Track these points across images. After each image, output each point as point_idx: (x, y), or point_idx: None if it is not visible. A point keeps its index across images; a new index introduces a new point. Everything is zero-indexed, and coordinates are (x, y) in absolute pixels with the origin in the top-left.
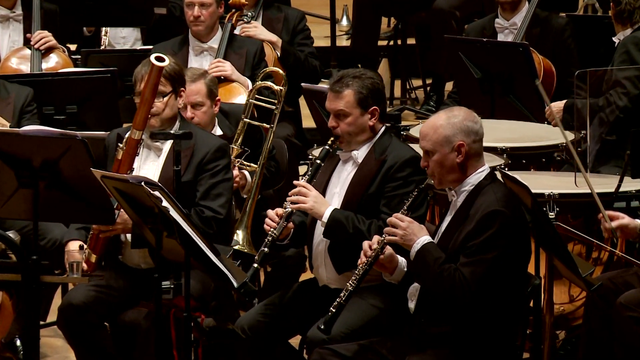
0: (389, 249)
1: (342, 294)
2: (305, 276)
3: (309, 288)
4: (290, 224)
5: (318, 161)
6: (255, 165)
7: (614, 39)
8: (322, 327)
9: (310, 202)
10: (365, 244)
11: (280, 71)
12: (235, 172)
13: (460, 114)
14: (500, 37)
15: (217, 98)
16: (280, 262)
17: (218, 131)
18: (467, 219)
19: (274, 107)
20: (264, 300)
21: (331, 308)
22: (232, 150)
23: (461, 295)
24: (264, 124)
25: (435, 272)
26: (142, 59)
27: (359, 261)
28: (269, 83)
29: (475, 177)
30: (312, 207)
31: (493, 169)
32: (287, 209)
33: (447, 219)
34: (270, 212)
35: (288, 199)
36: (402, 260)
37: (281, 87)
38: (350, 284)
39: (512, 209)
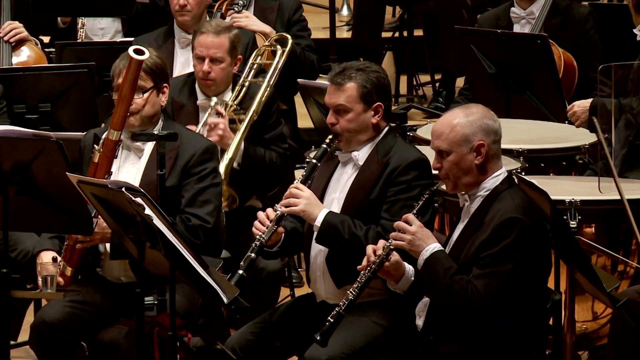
0: (395, 255)
1: (341, 303)
2: (302, 291)
3: (306, 304)
4: (281, 229)
5: (314, 161)
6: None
7: (635, 31)
8: (319, 338)
9: (302, 204)
10: (370, 248)
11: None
12: (223, 121)
13: (479, 111)
14: (516, 28)
15: (239, 56)
16: (256, 275)
17: (228, 95)
18: (482, 227)
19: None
20: (257, 318)
21: (329, 318)
22: (228, 107)
23: (473, 310)
24: (259, 79)
25: (445, 284)
26: (122, 52)
27: (362, 265)
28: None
29: (492, 181)
30: (304, 209)
31: (509, 173)
32: (277, 212)
33: (460, 226)
34: (260, 215)
35: (281, 202)
36: (409, 268)
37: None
38: (351, 292)
39: (532, 216)
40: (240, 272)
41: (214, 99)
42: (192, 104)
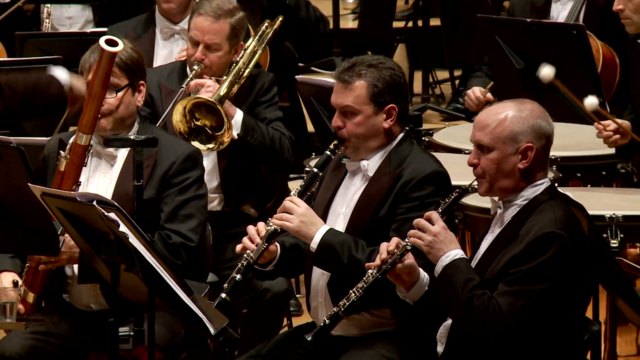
0: (410, 258)
1: (341, 303)
2: (301, 320)
3: (305, 334)
4: (274, 246)
5: (315, 170)
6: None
7: None
8: (310, 339)
9: (295, 222)
10: (383, 245)
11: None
12: (210, 82)
13: (534, 109)
14: (555, 9)
15: (240, 43)
16: (258, 299)
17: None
18: (515, 240)
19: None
20: (251, 351)
21: (325, 318)
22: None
23: (492, 331)
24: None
25: (463, 297)
26: (92, 44)
27: (371, 263)
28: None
29: (532, 190)
30: (298, 227)
31: (552, 182)
32: (269, 228)
33: (488, 237)
34: (250, 230)
35: (274, 216)
36: (424, 275)
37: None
38: (354, 292)
39: (574, 234)
40: (223, 295)
41: (196, 68)
42: None
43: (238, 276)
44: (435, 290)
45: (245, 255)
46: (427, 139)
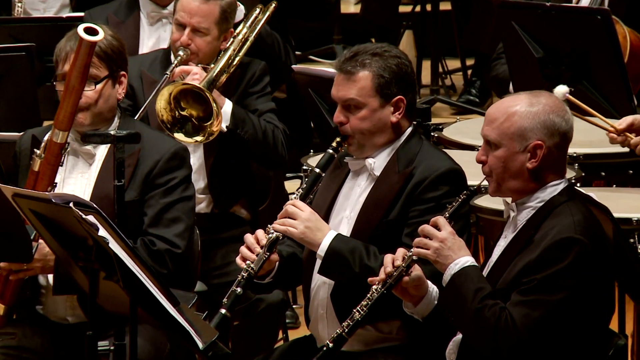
0: (417, 270)
1: (345, 324)
2: (298, 333)
3: (303, 350)
4: (275, 256)
5: (317, 170)
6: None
7: None
8: None
9: (300, 227)
10: (388, 257)
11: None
12: (197, 68)
13: (547, 103)
14: None
15: (230, 30)
16: (251, 310)
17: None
18: (529, 246)
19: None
20: None
21: (328, 342)
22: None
23: (503, 345)
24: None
25: (473, 308)
26: (69, 31)
27: (375, 278)
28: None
29: (549, 191)
30: (303, 233)
31: (570, 182)
32: (270, 235)
33: (501, 243)
34: (248, 238)
35: (276, 222)
36: (432, 288)
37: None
38: (358, 310)
39: (594, 239)
40: (223, 311)
41: (181, 54)
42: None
43: (239, 289)
44: (443, 301)
45: (245, 266)
46: (436, 135)
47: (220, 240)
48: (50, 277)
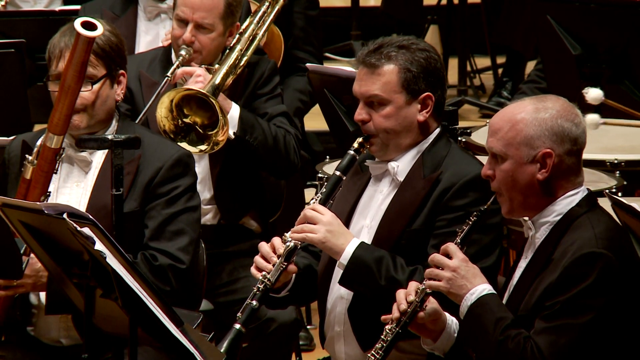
0: (432, 302)
1: None
2: (313, 356)
3: None
4: (293, 267)
5: (338, 173)
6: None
7: None
8: None
9: (321, 232)
10: (401, 293)
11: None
12: (201, 70)
13: (555, 108)
14: None
15: (236, 24)
16: (262, 330)
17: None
18: (549, 265)
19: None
20: None
21: None
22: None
23: None
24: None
25: (495, 341)
26: (62, 25)
27: (388, 316)
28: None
29: (565, 203)
30: (325, 238)
31: (597, 193)
32: (288, 244)
33: (522, 264)
34: (263, 247)
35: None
36: (451, 320)
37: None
38: (372, 355)
39: (620, 252)
40: (238, 326)
41: (183, 53)
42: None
43: (254, 303)
44: (462, 335)
45: (260, 277)
46: (463, 139)
47: (227, 254)
48: (43, 295)
